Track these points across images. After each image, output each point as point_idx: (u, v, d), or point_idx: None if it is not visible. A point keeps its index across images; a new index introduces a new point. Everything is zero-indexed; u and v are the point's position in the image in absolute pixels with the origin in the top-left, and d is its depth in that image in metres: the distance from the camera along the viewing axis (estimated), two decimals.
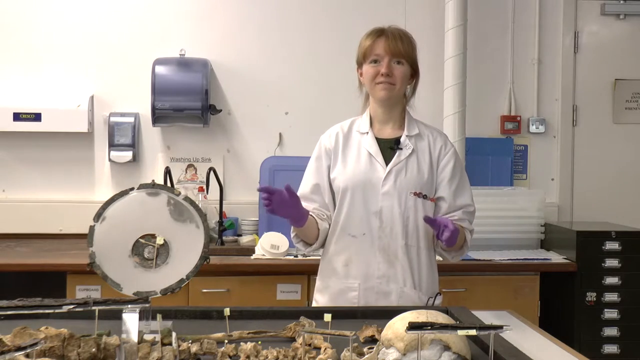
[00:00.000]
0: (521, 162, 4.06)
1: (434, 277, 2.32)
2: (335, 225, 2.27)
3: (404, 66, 2.24)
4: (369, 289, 2.23)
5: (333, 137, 2.33)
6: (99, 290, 3.10)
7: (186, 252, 1.72)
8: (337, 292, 2.27)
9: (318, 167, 2.33)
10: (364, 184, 2.24)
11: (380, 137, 2.30)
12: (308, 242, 2.31)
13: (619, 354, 3.37)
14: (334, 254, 2.28)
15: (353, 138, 2.32)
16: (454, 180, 2.28)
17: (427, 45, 3.92)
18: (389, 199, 2.22)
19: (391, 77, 2.22)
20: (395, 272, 2.23)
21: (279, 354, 1.55)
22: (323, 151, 2.33)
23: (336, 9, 3.95)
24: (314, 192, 2.31)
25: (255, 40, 3.94)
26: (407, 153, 2.25)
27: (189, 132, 3.88)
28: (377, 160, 2.25)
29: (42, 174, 3.85)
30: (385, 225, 2.22)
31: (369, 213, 2.23)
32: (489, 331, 1.45)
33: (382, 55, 2.23)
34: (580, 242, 3.38)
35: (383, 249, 2.23)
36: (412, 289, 2.24)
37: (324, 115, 3.67)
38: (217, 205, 3.53)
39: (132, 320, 1.48)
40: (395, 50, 2.22)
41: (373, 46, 2.24)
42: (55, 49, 3.85)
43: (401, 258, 2.23)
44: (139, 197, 1.76)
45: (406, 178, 2.23)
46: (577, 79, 4.08)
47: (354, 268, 2.25)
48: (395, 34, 2.25)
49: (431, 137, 2.32)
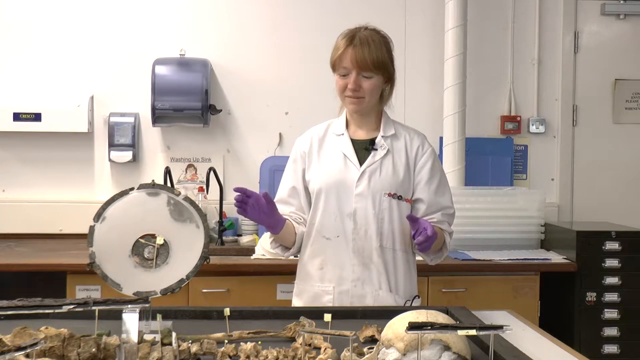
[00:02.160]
0: (521, 162, 4.06)
1: (411, 280, 2.28)
2: (311, 228, 2.25)
3: (372, 79, 2.18)
4: (344, 293, 2.21)
5: (308, 140, 2.31)
6: (99, 290, 3.09)
7: (186, 252, 1.72)
8: (312, 296, 2.25)
9: (294, 170, 2.31)
10: (337, 185, 2.21)
11: (356, 139, 2.27)
12: (286, 246, 2.29)
13: (619, 354, 3.37)
14: (309, 257, 2.26)
15: (328, 140, 2.29)
16: (432, 181, 2.25)
17: (427, 45, 3.95)
18: (362, 200, 2.19)
19: (358, 92, 2.18)
20: (370, 274, 2.20)
21: (279, 354, 1.55)
22: (298, 155, 2.31)
23: (336, 9, 3.95)
24: (290, 196, 2.29)
25: (255, 40, 3.94)
26: (382, 153, 2.22)
27: (189, 132, 3.88)
28: (351, 161, 2.22)
29: (42, 174, 3.85)
30: (360, 227, 2.19)
31: (343, 215, 2.20)
32: (489, 331, 1.45)
33: (350, 69, 2.17)
34: (580, 242, 3.37)
35: (357, 252, 2.20)
36: (388, 292, 2.21)
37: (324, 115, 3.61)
38: (217, 205, 3.53)
39: (132, 320, 1.48)
40: (362, 63, 2.15)
41: (342, 57, 2.17)
42: (55, 49, 3.85)
43: (376, 260, 2.20)
44: (139, 197, 1.76)
45: (380, 179, 2.20)
46: (577, 79, 4.08)
47: (329, 271, 2.22)
48: (364, 42, 2.16)
49: (408, 137, 2.28)
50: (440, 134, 3.77)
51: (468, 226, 3.55)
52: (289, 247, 2.29)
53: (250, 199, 2.07)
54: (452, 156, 3.70)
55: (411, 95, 3.92)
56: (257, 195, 2.09)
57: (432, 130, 3.85)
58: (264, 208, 2.10)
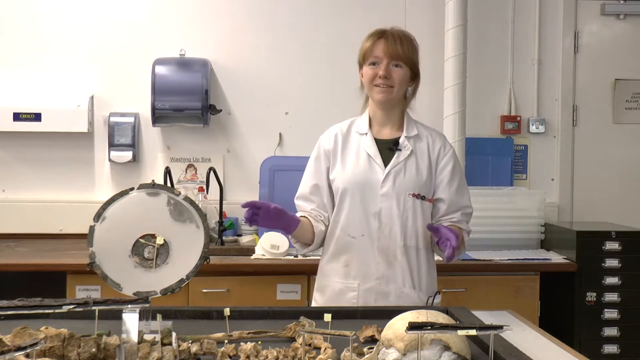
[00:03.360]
0: (521, 162, 4.06)
1: (432, 277, 2.33)
2: (335, 226, 2.28)
3: (402, 69, 2.24)
4: (368, 290, 2.24)
5: (332, 137, 2.33)
6: (99, 290, 3.09)
7: (186, 252, 1.72)
8: (336, 292, 2.28)
9: (317, 167, 2.33)
10: (362, 186, 2.24)
11: (379, 138, 2.30)
12: (306, 242, 2.31)
13: (619, 354, 3.37)
14: (334, 255, 2.29)
15: (352, 139, 2.32)
16: (453, 181, 2.30)
17: (427, 45, 3.92)
18: (387, 200, 2.23)
19: (389, 80, 2.23)
20: (395, 272, 2.24)
21: (279, 354, 1.55)
22: (322, 152, 2.33)
23: (336, 9, 3.95)
24: (312, 193, 2.32)
25: (255, 40, 3.94)
26: (406, 154, 2.26)
27: (189, 132, 3.88)
28: (375, 162, 2.26)
29: (42, 174, 3.85)
30: (384, 226, 2.23)
31: (368, 214, 2.24)
32: (489, 331, 1.45)
33: (381, 58, 2.23)
34: (580, 242, 3.38)
35: (382, 250, 2.24)
36: (412, 289, 2.25)
37: (324, 115, 3.67)
38: (217, 205, 3.53)
39: (132, 320, 1.49)
40: (394, 52, 2.22)
41: (372, 48, 2.25)
42: (56, 48, 3.85)
43: (400, 259, 2.24)
44: (139, 197, 1.76)
45: (405, 179, 2.24)
46: (577, 79, 4.08)
47: (354, 269, 2.26)
48: (396, 36, 2.25)
49: (430, 138, 2.32)
50: None
51: None
52: (308, 244, 2.31)
53: (260, 210, 2.10)
54: None
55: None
56: (265, 204, 2.13)
57: None
58: (272, 216, 2.13)
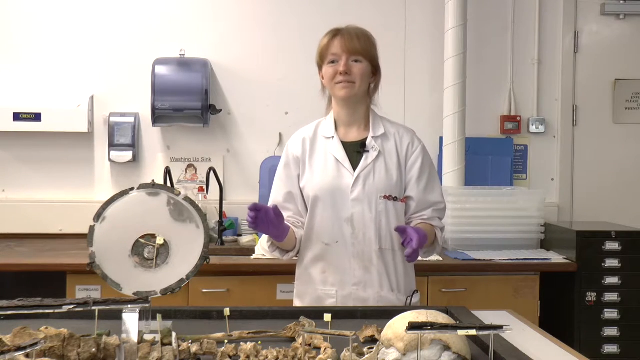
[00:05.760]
0: (521, 162, 4.06)
1: (410, 277, 2.31)
2: (309, 233, 2.26)
3: (362, 64, 2.22)
4: (347, 296, 2.22)
5: (299, 143, 2.31)
6: (99, 290, 3.09)
7: (186, 252, 1.72)
8: (315, 299, 2.27)
9: (288, 174, 2.31)
10: (332, 192, 2.21)
11: (346, 141, 2.27)
12: (285, 250, 2.29)
13: (619, 354, 3.37)
14: (311, 262, 2.27)
15: (319, 143, 2.29)
16: (422, 178, 2.26)
17: (427, 45, 3.95)
18: (359, 204, 2.20)
19: (350, 75, 2.20)
20: (372, 277, 2.22)
21: (279, 354, 1.55)
22: (291, 159, 2.31)
23: (336, 10, 3.95)
24: (287, 201, 2.29)
25: (255, 40, 3.94)
26: (374, 155, 2.23)
27: (189, 132, 3.88)
28: (344, 166, 2.23)
29: (42, 174, 3.85)
30: (358, 231, 2.21)
31: (341, 220, 2.21)
32: (489, 331, 1.45)
33: (339, 54, 2.21)
34: (580, 242, 3.37)
35: (357, 256, 2.22)
36: (390, 292, 2.24)
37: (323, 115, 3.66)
38: (217, 205, 3.53)
39: (132, 320, 1.49)
40: (352, 48, 2.20)
41: (329, 46, 2.23)
42: (55, 49, 3.85)
43: (376, 263, 2.22)
44: (139, 197, 1.76)
45: (375, 182, 2.21)
46: (577, 79, 4.08)
47: (331, 276, 2.24)
48: (352, 33, 2.23)
49: (397, 135, 2.29)
50: (440, 134, 3.77)
51: (468, 226, 3.56)
52: (289, 250, 2.29)
53: (259, 213, 2.06)
54: (452, 156, 3.70)
55: (411, 95, 3.92)
56: (266, 208, 2.08)
57: (432, 130, 3.86)
58: (272, 220, 2.09)
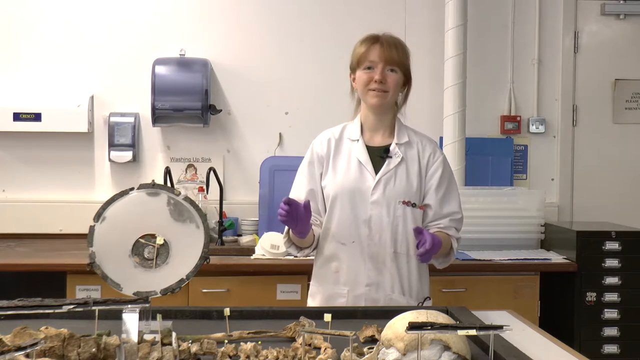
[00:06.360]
0: (521, 162, 4.06)
1: (424, 283, 2.32)
2: (326, 232, 2.28)
3: (397, 74, 2.26)
4: (358, 297, 2.24)
5: (325, 143, 2.33)
6: (99, 290, 3.09)
7: (186, 252, 1.72)
8: (327, 298, 2.29)
9: (311, 172, 2.33)
10: (353, 193, 2.24)
11: (371, 145, 2.30)
12: (301, 247, 2.31)
13: (619, 354, 3.37)
14: (325, 261, 2.30)
15: (344, 145, 2.32)
16: (440, 188, 2.29)
17: (427, 45, 3.94)
18: (377, 207, 2.23)
19: (384, 84, 2.24)
20: (384, 279, 2.24)
21: (279, 354, 1.55)
22: (315, 157, 2.33)
23: (336, 10, 3.95)
24: (308, 198, 2.28)
25: (255, 40, 3.94)
26: (397, 161, 2.26)
27: (189, 132, 3.88)
28: (366, 169, 2.26)
29: (42, 174, 3.85)
30: (374, 233, 2.23)
31: (359, 221, 2.24)
32: (489, 331, 1.45)
33: (376, 62, 2.24)
34: (580, 242, 3.37)
35: (372, 257, 2.24)
36: (401, 296, 2.25)
37: (324, 115, 3.67)
38: (217, 205, 3.53)
39: (132, 320, 1.48)
40: (390, 57, 2.23)
41: (367, 53, 2.25)
42: (55, 48, 3.85)
43: (389, 266, 2.24)
44: (139, 197, 1.76)
45: (395, 187, 2.24)
46: (577, 79, 4.08)
47: (343, 275, 2.26)
48: (390, 42, 2.26)
49: (420, 145, 2.33)
50: (440, 134, 3.77)
51: (468, 226, 3.50)
52: (305, 247, 2.31)
53: (291, 207, 2.07)
54: (452, 156, 3.69)
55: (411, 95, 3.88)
56: (297, 203, 2.10)
57: (432, 130, 3.83)
58: (302, 216, 2.11)
